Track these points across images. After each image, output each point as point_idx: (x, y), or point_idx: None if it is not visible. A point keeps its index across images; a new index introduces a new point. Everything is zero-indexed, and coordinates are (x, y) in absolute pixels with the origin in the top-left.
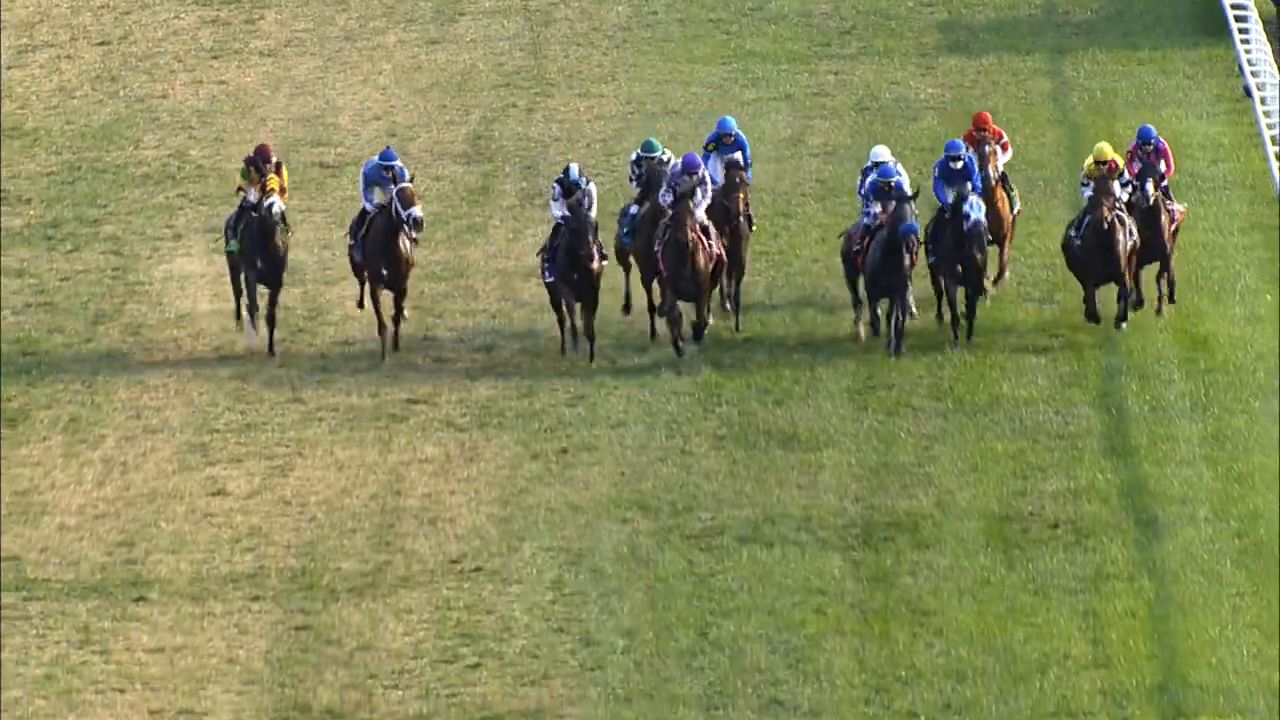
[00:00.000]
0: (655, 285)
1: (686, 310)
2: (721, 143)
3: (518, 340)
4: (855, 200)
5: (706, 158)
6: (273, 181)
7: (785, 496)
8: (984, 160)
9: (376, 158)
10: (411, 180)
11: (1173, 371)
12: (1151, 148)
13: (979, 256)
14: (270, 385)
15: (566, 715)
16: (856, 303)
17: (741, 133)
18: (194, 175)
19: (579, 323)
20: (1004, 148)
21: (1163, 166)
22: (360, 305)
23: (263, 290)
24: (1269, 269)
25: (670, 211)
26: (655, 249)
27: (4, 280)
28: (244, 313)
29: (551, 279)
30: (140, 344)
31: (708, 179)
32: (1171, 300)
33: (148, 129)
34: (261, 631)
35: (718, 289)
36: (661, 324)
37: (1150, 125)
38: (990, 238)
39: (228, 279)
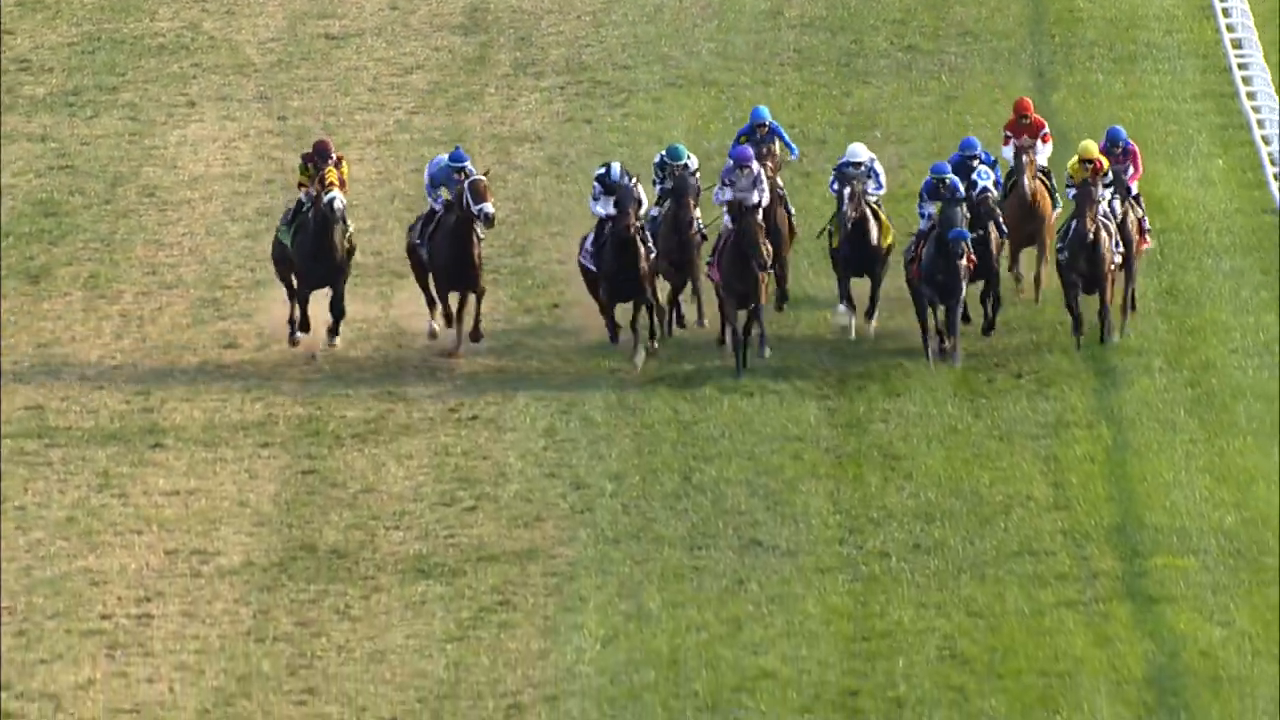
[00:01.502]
0: (687, 291)
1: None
2: (756, 134)
3: (512, 202)
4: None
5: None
6: (331, 175)
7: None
8: (1021, 163)
9: (445, 157)
10: (487, 174)
11: None
12: (1120, 150)
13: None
14: None
15: (558, 555)
16: (923, 323)
17: (776, 122)
18: (206, 46)
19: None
20: (1044, 139)
21: (1130, 170)
22: (433, 316)
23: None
24: (1220, 134)
25: (728, 215)
26: (711, 259)
27: (27, 145)
28: (295, 318)
29: (595, 269)
30: (156, 205)
31: (762, 174)
32: (1132, 308)
33: (162, 2)
34: (270, 476)
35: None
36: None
37: (1120, 126)
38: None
39: (238, 145)
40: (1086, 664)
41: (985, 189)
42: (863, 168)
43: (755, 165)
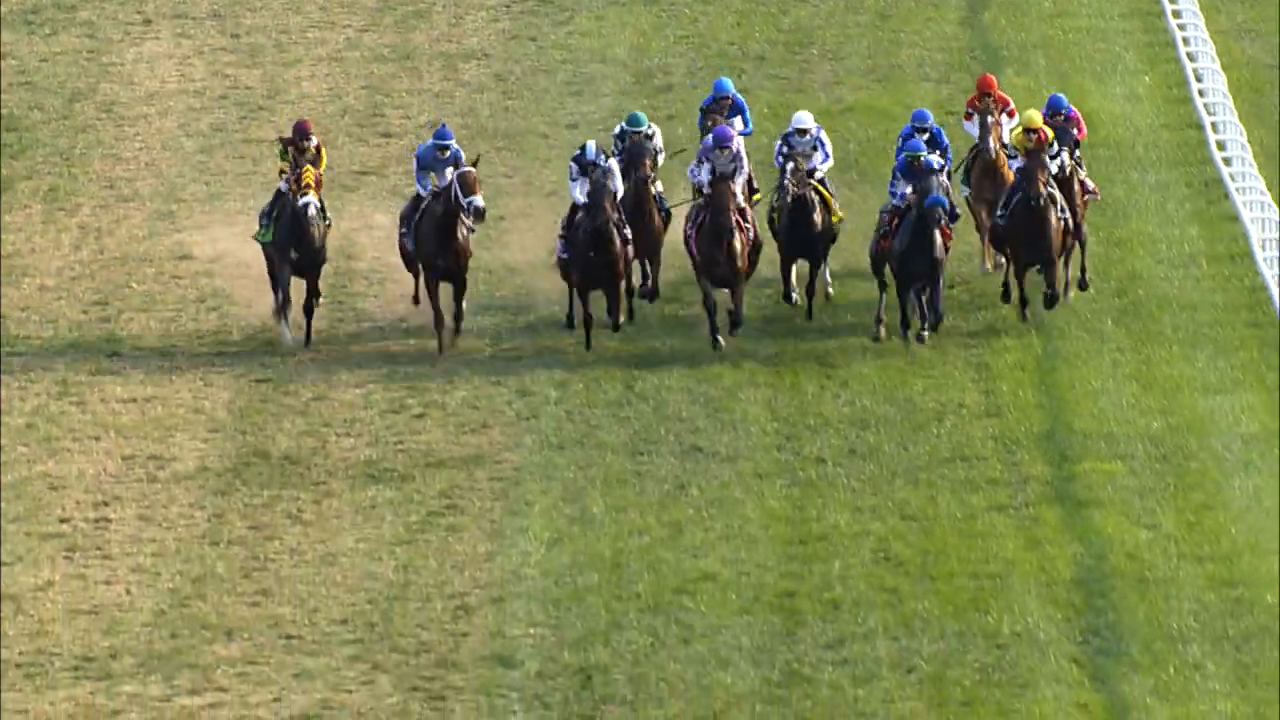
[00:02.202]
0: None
1: (723, 300)
2: (718, 106)
3: (459, 118)
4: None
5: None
6: (308, 175)
7: None
8: (986, 131)
9: (431, 138)
10: (475, 165)
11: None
12: (1063, 117)
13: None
14: (232, 159)
15: (504, 461)
16: (882, 295)
17: (740, 95)
18: None
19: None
20: (1010, 114)
21: (1075, 134)
22: (416, 300)
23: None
24: (1147, 51)
25: (705, 192)
26: (687, 232)
27: None
28: (279, 308)
29: (566, 255)
30: (113, 120)
31: (743, 152)
32: (1082, 286)
33: None
34: (224, 384)
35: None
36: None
37: (1061, 94)
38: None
39: (193, 62)
40: (1017, 566)
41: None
42: (809, 136)
43: (736, 143)
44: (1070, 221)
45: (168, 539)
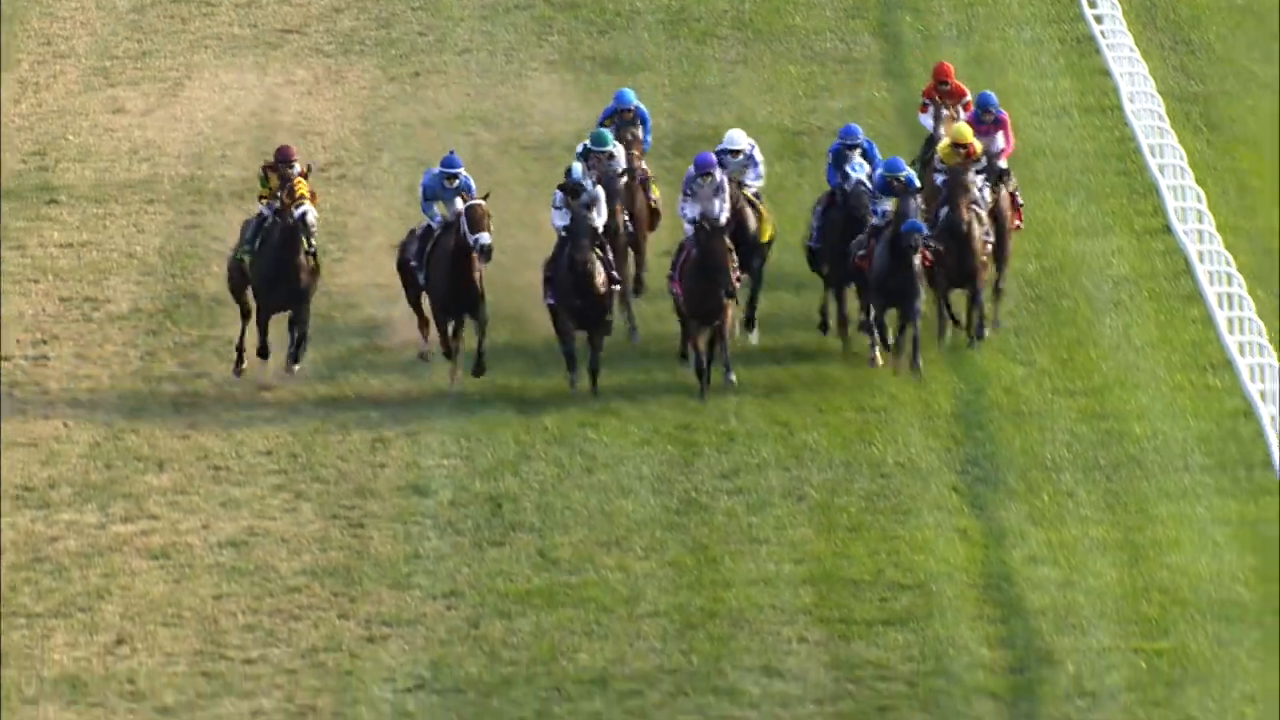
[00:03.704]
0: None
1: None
2: (620, 118)
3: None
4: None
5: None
6: (301, 187)
7: (602, 109)
8: (940, 124)
9: (438, 165)
10: (486, 198)
11: (943, 4)
12: (991, 118)
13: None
14: (164, 19)
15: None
16: (866, 322)
17: (642, 105)
18: None
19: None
20: (966, 108)
21: (1001, 141)
22: (422, 327)
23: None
24: None
25: (689, 228)
26: (671, 273)
27: None
28: (246, 346)
29: (553, 302)
30: None
31: (725, 181)
32: (995, 322)
33: None
34: (156, 230)
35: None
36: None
37: (991, 93)
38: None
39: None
40: (900, 400)
41: (860, 181)
42: (741, 156)
43: (719, 173)
44: (993, 243)
45: (103, 376)
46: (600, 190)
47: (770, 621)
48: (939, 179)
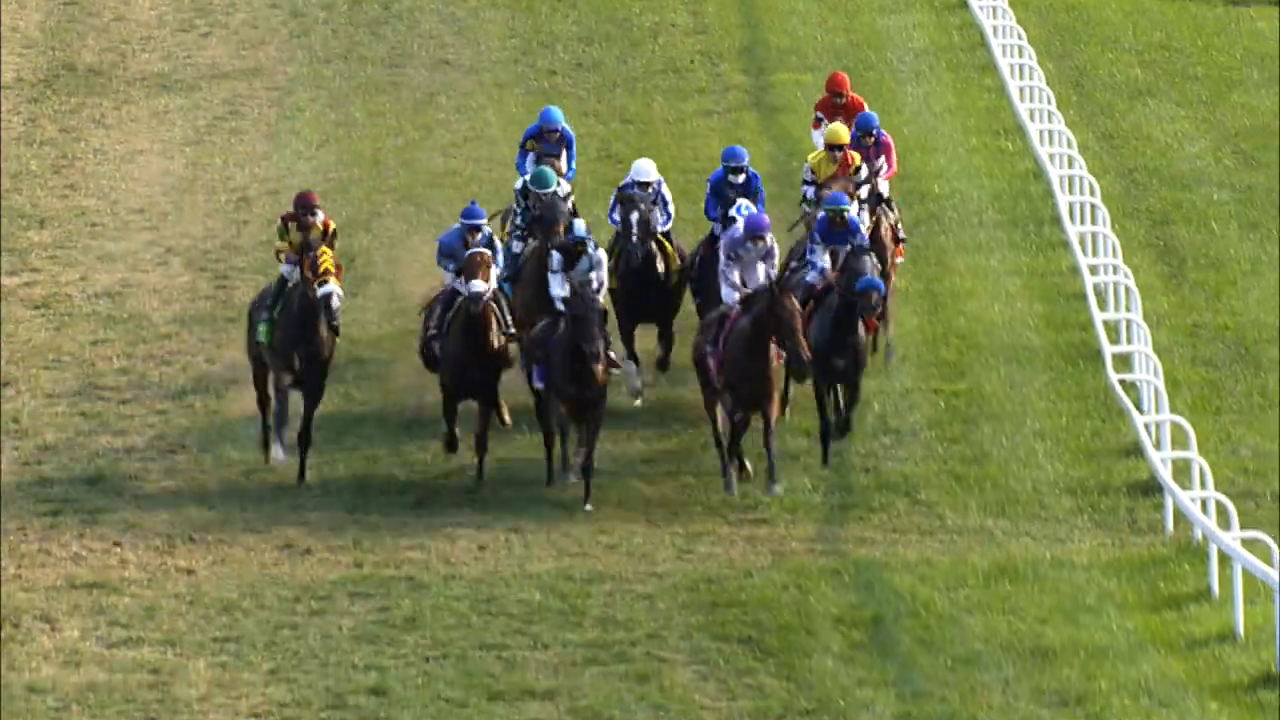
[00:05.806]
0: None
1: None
2: (545, 138)
3: None
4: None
5: (524, 156)
6: (325, 260)
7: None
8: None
9: (459, 220)
10: (491, 246)
11: None
12: (872, 140)
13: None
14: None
15: (279, 73)
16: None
17: (569, 128)
18: None
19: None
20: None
21: (883, 168)
22: (446, 418)
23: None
24: None
25: (732, 296)
26: (706, 350)
27: None
28: (271, 428)
29: (542, 385)
30: None
31: (775, 245)
32: (886, 321)
33: None
34: (37, 4)
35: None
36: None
37: (873, 113)
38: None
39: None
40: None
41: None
42: (650, 190)
43: (770, 237)
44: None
45: None
46: (602, 254)
47: None
48: (807, 192)
